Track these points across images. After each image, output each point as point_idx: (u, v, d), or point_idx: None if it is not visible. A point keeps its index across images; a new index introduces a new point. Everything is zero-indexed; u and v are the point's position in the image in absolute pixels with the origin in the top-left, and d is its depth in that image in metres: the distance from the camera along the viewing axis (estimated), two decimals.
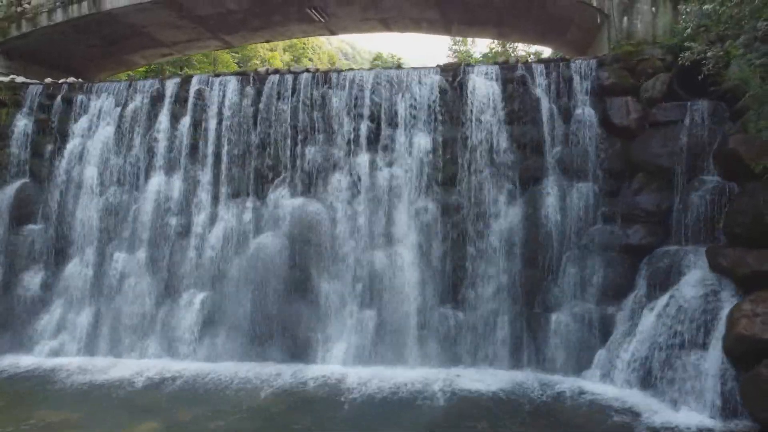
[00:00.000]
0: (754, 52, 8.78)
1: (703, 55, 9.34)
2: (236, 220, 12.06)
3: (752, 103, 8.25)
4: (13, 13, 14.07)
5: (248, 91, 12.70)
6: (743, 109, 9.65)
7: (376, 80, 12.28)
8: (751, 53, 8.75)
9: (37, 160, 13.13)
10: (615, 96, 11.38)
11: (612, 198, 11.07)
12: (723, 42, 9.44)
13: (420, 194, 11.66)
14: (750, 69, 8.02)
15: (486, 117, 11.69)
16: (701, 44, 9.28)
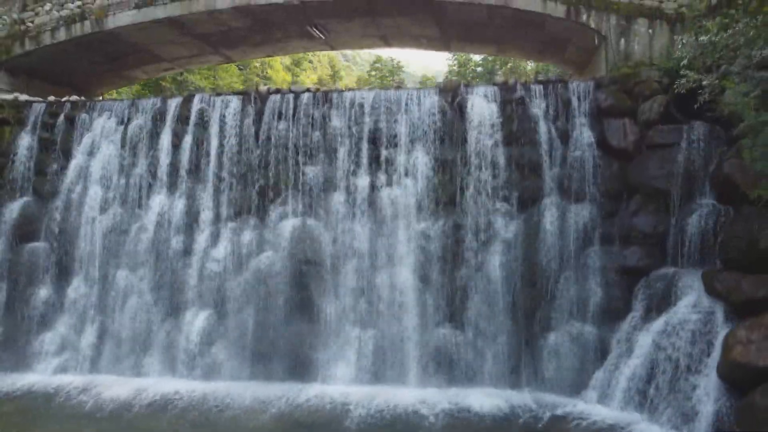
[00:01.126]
0: (749, 80, 8.91)
1: (698, 84, 9.47)
2: (237, 239, 12.19)
3: (747, 132, 8.37)
4: (17, 31, 14.20)
5: (249, 110, 12.82)
6: (739, 134, 9.77)
7: (375, 101, 12.41)
8: (746, 82, 8.87)
9: (40, 178, 13.25)
10: (613, 117, 11.50)
11: (610, 219, 11.19)
12: (719, 68, 9.56)
13: (419, 214, 11.78)
14: (744, 100, 8.13)
15: (485, 138, 11.82)
16: (697, 72, 9.40)
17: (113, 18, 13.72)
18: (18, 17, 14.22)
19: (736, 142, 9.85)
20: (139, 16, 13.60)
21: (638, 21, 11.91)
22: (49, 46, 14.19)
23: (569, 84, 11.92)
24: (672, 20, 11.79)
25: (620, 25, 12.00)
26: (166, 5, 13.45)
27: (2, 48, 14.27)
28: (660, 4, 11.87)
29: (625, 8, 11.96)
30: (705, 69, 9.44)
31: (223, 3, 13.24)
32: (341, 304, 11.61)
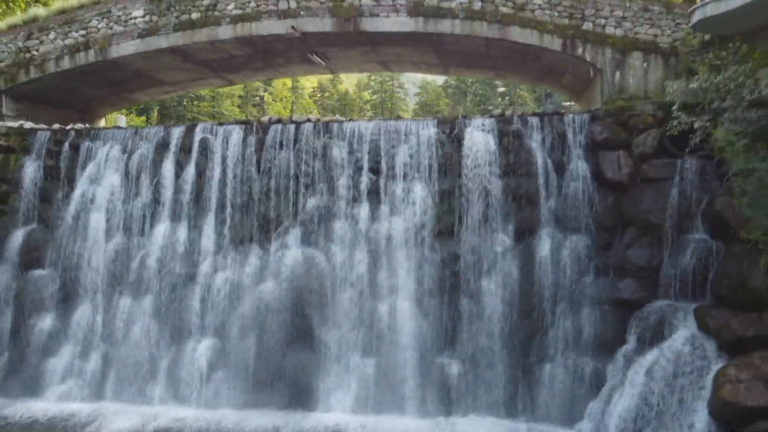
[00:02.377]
0: (738, 122, 9.16)
1: (690, 125, 9.71)
2: (239, 267, 12.41)
3: (737, 177, 8.61)
4: (22, 59, 14.42)
5: (251, 140, 13.04)
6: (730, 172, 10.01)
7: (375, 131, 12.63)
8: (736, 124, 9.12)
9: (45, 205, 13.47)
10: (608, 150, 11.72)
11: (604, 251, 11.41)
12: (710, 106, 9.79)
13: (418, 244, 12.00)
14: (734, 147, 8.37)
15: (482, 169, 12.04)
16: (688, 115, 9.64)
17: (117, 47, 13.93)
18: (23, 45, 14.44)
19: (727, 179, 10.10)
20: (143, 46, 13.83)
21: (633, 54, 12.14)
22: (54, 74, 14.40)
23: (565, 116, 12.15)
24: (666, 54, 12.01)
25: (615, 59, 12.23)
26: (168, 35, 13.67)
27: (8, 75, 14.48)
28: (654, 38, 12.09)
29: (620, 42, 12.19)
30: (696, 111, 9.67)
31: (225, 34, 13.47)
32: (341, 333, 11.83)
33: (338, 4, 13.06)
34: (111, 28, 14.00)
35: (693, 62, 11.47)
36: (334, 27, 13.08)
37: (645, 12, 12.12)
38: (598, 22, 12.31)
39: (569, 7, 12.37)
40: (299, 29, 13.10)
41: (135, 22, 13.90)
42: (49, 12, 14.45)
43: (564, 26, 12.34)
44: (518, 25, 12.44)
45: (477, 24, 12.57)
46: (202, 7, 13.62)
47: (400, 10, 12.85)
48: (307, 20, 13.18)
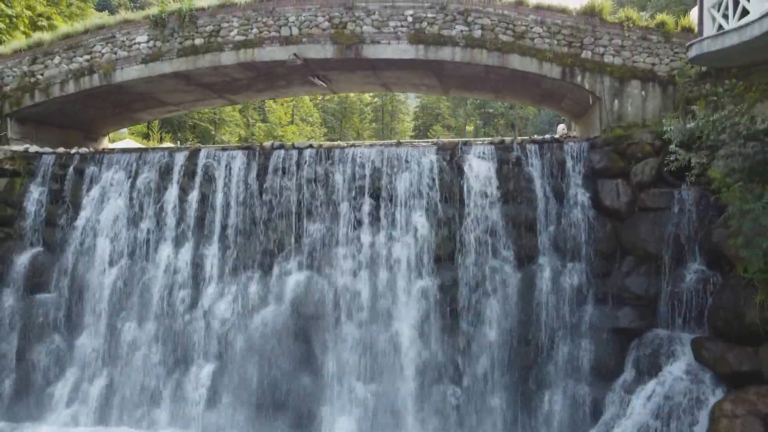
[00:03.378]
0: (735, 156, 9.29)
1: (687, 161, 9.85)
2: (242, 292, 12.56)
3: (732, 217, 8.74)
4: (27, 83, 14.55)
5: (253, 165, 13.20)
6: (727, 204, 10.13)
7: (376, 158, 12.78)
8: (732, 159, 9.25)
9: (50, 229, 13.61)
10: (606, 178, 11.87)
11: (603, 279, 11.55)
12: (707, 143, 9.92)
13: (419, 271, 12.15)
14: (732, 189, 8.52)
15: (482, 196, 12.19)
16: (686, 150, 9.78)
17: (121, 72, 14.07)
18: (28, 69, 14.57)
19: (724, 209, 10.22)
20: (146, 71, 13.96)
21: (631, 83, 12.26)
22: (58, 98, 14.53)
23: (564, 144, 12.29)
24: (664, 83, 12.13)
25: (614, 87, 12.35)
26: (172, 61, 13.81)
27: (12, 99, 14.61)
28: (653, 67, 12.22)
29: (618, 70, 12.31)
30: (694, 147, 9.81)
31: (228, 59, 13.61)
32: (343, 359, 11.95)
33: (340, 32, 13.20)
34: (115, 53, 14.14)
35: (690, 92, 11.60)
36: (336, 54, 13.22)
37: (643, 41, 12.24)
38: (597, 50, 12.43)
39: (568, 35, 12.50)
40: (301, 56, 13.24)
41: (139, 48, 14.04)
42: (54, 36, 14.58)
43: (563, 54, 12.47)
44: (518, 53, 12.57)
45: (477, 52, 12.70)
46: (205, 33, 13.76)
47: (401, 37, 12.98)
48: (309, 47, 13.31)
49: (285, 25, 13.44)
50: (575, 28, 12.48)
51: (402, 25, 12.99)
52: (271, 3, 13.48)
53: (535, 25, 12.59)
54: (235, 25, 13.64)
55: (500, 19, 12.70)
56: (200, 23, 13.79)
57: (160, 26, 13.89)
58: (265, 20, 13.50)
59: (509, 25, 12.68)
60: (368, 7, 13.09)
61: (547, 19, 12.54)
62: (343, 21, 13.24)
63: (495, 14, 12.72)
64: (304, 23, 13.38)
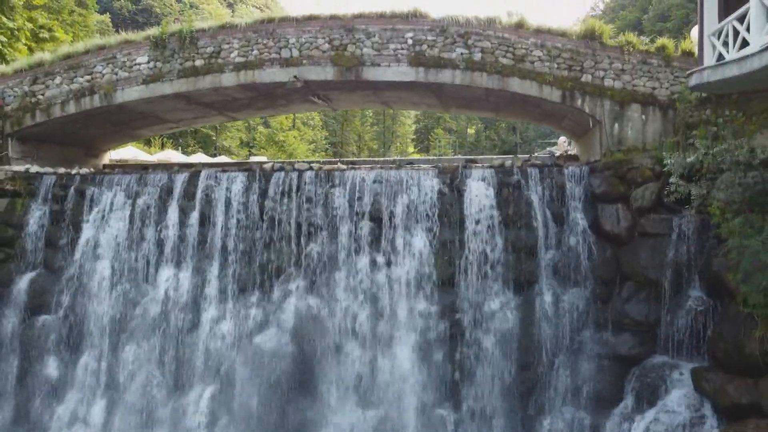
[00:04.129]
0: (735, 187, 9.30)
1: (687, 193, 9.85)
2: (242, 315, 12.57)
3: (731, 251, 8.75)
4: (28, 103, 14.58)
5: (254, 187, 13.20)
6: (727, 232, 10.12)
7: (376, 180, 12.78)
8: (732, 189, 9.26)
9: (51, 250, 13.64)
10: (606, 203, 11.86)
11: (603, 304, 11.55)
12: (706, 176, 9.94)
13: (419, 295, 12.15)
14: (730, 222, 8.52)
15: (482, 220, 12.19)
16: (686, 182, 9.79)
17: (121, 93, 14.09)
18: (29, 90, 14.60)
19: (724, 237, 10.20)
20: (147, 92, 13.98)
21: (632, 107, 12.25)
22: (59, 118, 14.55)
23: (564, 169, 12.29)
24: (665, 106, 12.12)
25: (614, 111, 12.34)
26: (173, 82, 13.83)
27: (13, 119, 14.64)
28: (653, 91, 12.21)
29: (618, 94, 12.30)
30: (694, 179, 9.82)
31: (228, 81, 13.63)
32: (343, 383, 11.97)
33: (340, 54, 13.20)
34: (116, 73, 14.16)
35: (691, 117, 11.59)
36: (336, 76, 13.23)
37: (643, 65, 12.23)
38: (597, 74, 12.43)
39: (568, 59, 12.50)
40: (301, 78, 13.25)
41: (139, 68, 14.06)
42: (55, 57, 14.60)
43: (563, 78, 12.47)
44: (518, 77, 12.57)
45: (477, 75, 12.70)
46: (205, 54, 13.77)
47: (401, 59, 12.99)
48: (310, 69, 13.33)
49: (285, 47, 13.45)
50: (575, 51, 12.48)
51: (402, 47, 13.00)
52: (271, 25, 13.50)
53: (535, 48, 12.58)
54: (235, 46, 13.65)
55: (500, 42, 12.70)
56: (201, 44, 13.80)
57: (161, 47, 13.91)
58: (265, 42, 13.51)
59: (509, 48, 12.68)
60: (368, 30, 13.10)
61: (547, 42, 12.54)
62: (344, 43, 13.25)
63: (495, 37, 12.72)
64: (304, 45, 13.39)
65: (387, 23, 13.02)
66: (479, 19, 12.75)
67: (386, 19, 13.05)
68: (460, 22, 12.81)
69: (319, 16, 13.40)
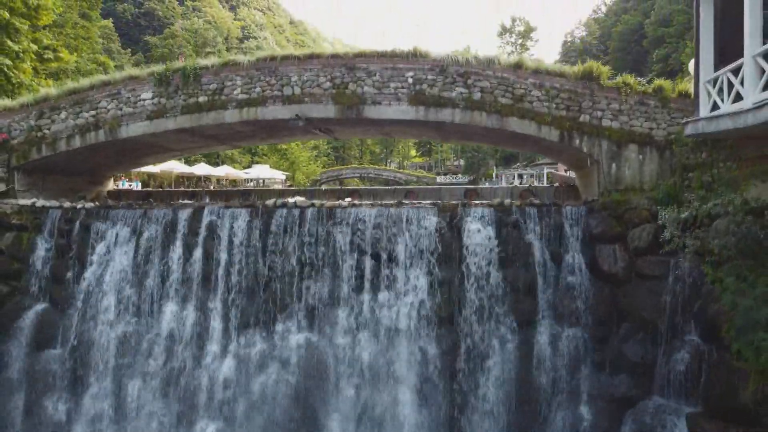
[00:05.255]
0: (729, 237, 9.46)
1: (683, 243, 10.02)
2: (245, 352, 12.75)
3: (725, 304, 8.91)
4: (34, 137, 14.80)
5: (256, 223, 13.39)
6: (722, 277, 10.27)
7: (377, 218, 12.96)
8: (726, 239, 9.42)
9: (56, 285, 13.84)
10: (604, 243, 12.03)
11: (601, 344, 11.70)
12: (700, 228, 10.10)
13: (419, 332, 12.32)
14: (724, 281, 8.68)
15: (481, 259, 12.36)
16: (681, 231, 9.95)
17: (126, 128, 14.31)
18: (35, 124, 14.82)
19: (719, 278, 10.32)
20: (151, 127, 14.19)
21: (629, 147, 12.42)
22: (65, 151, 14.76)
23: (562, 209, 12.45)
24: (662, 147, 12.29)
25: (611, 150, 12.51)
26: (176, 117, 14.03)
27: (20, 153, 14.87)
28: (650, 131, 12.37)
29: (616, 134, 12.47)
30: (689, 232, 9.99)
31: (231, 117, 13.83)
32: (344, 420, 12.14)
33: (341, 92, 13.39)
34: (120, 109, 14.37)
35: (687, 159, 11.75)
36: (337, 114, 13.42)
37: (641, 106, 12.40)
38: (595, 114, 12.60)
39: (567, 99, 12.67)
40: (303, 116, 13.44)
41: (144, 104, 14.27)
42: (60, 92, 14.82)
43: (561, 118, 12.64)
44: (517, 116, 12.75)
45: (477, 114, 12.88)
46: (209, 91, 13.97)
47: (401, 98, 13.18)
48: (311, 107, 13.52)
49: (287, 85, 13.65)
50: (573, 92, 12.65)
51: (402, 86, 13.18)
52: (273, 63, 13.69)
53: (534, 88, 12.76)
54: (238, 83, 13.85)
55: (499, 82, 12.88)
56: (204, 81, 14.01)
57: (165, 84, 14.12)
58: (268, 79, 13.71)
59: (508, 88, 12.86)
60: (369, 68, 13.28)
61: (545, 82, 12.71)
62: (345, 81, 13.44)
63: (494, 77, 12.90)
64: (306, 83, 13.58)
65: (388, 62, 13.20)
66: (478, 59, 12.92)
67: (387, 58, 13.24)
68: (460, 61, 12.99)
69: (321, 54, 13.59)
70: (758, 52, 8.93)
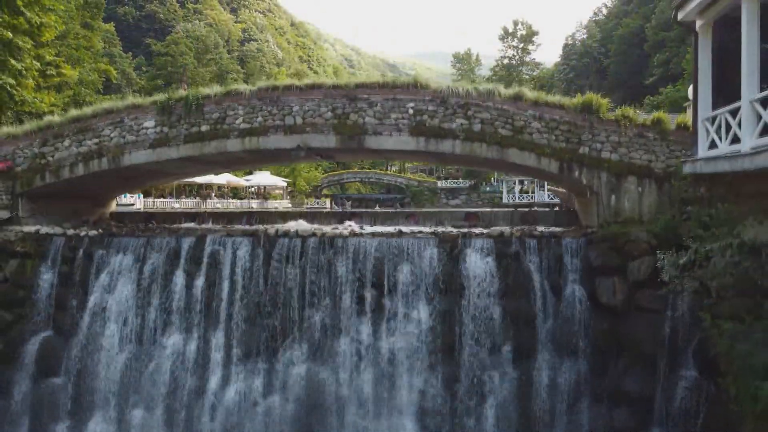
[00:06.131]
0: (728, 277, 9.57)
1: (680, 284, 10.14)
2: (247, 381, 12.86)
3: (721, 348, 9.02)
4: (38, 164, 14.91)
5: (258, 252, 13.51)
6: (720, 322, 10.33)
7: (378, 249, 13.07)
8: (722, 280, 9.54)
9: (60, 312, 13.94)
10: (603, 276, 12.12)
11: (600, 376, 11.81)
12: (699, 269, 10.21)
13: (419, 363, 12.43)
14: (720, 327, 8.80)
15: (481, 290, 12.47)
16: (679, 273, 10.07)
17: (129, 156, 14.41)
18: (38, 151, 14.93)
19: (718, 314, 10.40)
20: (154, 156, 14.29)
21: (628, 179, 12.51)
22: (68, 179, 14.87)
23: (562, 240, 12.55)
24: (661, 179, 12.37)
25: (611, 182, 12.60)
26: (179, 147, 14.13)
27: (24, 180, 14.97)
28: (649, 163, 12.46)
29: (615, 166, 12.56)
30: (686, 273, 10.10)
31: (233, 146, 13.93)
32: None
33: (342, 122, 13.50)
34: (123, 137, 14.48)
35: (686, 192, 11.86)
36: (339, 144, 13.52)
37: (640, 138, 12.49)
38: (595, 146, 12.69)
39: (566, 131, 12.76)
40: (305, 145, 13.54)
41: (146, 132, 14.38)
42: (64, 119, 14.93)
43: (561, 150, 12.74)
44: (517, 148, 12.84)
45: (477, 145, 12.98)
46: (211, 120, 14.08)
47: (402, 129, 13.27)
48: (313, 136, 13.62)
49: (289, 114, 13.75)
50: (573, 124, 12.74)
51: (403, 117, 13.28)
52: (275, 92, 13.80)
53: (534, 120, 12.86)
54: (240, 113, 13.96)
55: (499, 114, 12.98)
56: (206, 110, 14.11)
57: (167, 113, 14.22)
58: (269, 109, 13.81)
59: (508, 120, 12.96)
60: (370, 99, 13.39)
61: (545, 114, 12.81)
62: (346, 111, 13.54)
63: (494, 109, 12.99)
64: (307, 113, 13.69)
65: (389, 93, 13.31)
66: (479, 91, 13.02)
67: (388, 89, 13.34)
68: (460, 93, 13.09)
69: (323, 84, 13.71)
70: (755, 97, 9.03)
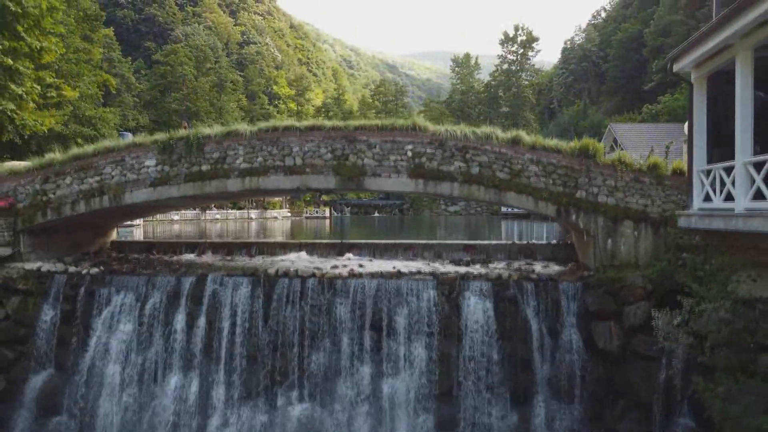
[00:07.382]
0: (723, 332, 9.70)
1: (674, 348, 10.29)
2: (248, 424, 12.99)
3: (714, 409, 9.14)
4: (39, 201, 15.02)
5: (259, 292, 13.64)
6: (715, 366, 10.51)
7: (377, 290, 13.20)
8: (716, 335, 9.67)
9: (62, 351, 14.07)
10: (599, 320, 12.26)
11: (596, 422, 11.94)
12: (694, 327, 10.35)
13: (419, 406, 12.55)
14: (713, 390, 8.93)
15: (479, 333, 12.60)
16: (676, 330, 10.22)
17: (130, 194, 14.52)
18: (40, 188, 15.04)
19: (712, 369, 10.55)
20: (155, 194, 14.39)
21: (624, 223, 12.63)
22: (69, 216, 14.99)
23: (559, 284, 12.68)
24: (657, 224, 12.50)
25: (607, 226, 12.73)
26: (180, 185, 14.25)
27: (25, 216, 15.09)
28: (645, 208, 12.59)
29: (612, 210, 12.69)
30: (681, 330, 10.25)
31: (234, 186, 14.04)
32: None
33: (342, 163, 13.62)
34: (125, 175, 14.59)
35: (681, 239, 11.99)
36: (338, 185, 13.65)
37: (636, 183, 12.62)
38: (591, 190, 12.81)
39: (563, 175, 12.89)
40: (304, 186, 13.66)
41: (147, 171, 14.49)
42: (65, 157, 15.04)
43: (558, 193, 12.86)
44: (514, 191, 12.97)
45: (475, 188, 13.11)
46: (211, 159, 14.20)
47: (401, 171, 13.40)
48: (313, 177, 13.75)
49: (289, 155, 13.87)
50: (570, 168, 12.87)
51: (402, 159, 13.40)
52: (275, 133, 13.91)
53: (531, 164, 12.98)
54: (240, 153, 14.08)
55: (497, 157, 13.10)
56: (207, 150, 14.23)
57: (168, 152, 14.34)
58: (270, 149, 13.93)
59: (506, 163, 13.08)
60: (369, 141, 13.51)
61: (542, 158, 12.93)
62: (345, 153, 13.66)
63: (492, 152, 13.11)
64: (307, 154, 13.81)
65: (387, 135, 13.43)
66: (477, 134, 13.14)
67: (386, 131, 13.46)
68: (458, 136, 13.21)
69: (322, 126, 13.82)
70: (749, 160, 9.16)
